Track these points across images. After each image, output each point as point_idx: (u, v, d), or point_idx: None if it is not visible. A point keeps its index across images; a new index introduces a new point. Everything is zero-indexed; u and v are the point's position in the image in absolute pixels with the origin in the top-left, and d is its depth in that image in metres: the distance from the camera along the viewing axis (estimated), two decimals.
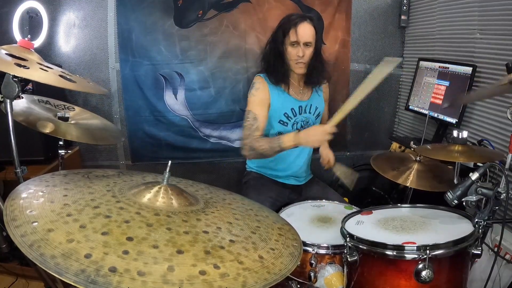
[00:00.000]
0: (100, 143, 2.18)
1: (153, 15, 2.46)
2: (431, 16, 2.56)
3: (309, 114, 1.99)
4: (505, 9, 1.95)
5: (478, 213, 1.16)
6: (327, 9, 2.67)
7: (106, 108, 2.60)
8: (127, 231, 0.76)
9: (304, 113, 1.97)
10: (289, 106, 1.92)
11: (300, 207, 1.76)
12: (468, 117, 2.22)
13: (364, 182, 2.80)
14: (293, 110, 1.93)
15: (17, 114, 1.41)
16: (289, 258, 0.85)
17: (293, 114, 1.94)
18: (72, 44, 2.46)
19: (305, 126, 1.97)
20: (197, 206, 0.98)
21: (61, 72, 1.30)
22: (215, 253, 0.76)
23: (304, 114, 1.97)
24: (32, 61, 1.26)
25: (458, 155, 1.31)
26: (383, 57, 2.90)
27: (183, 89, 2.59)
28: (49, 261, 0.63)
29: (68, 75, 1.31)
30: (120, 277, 0.63)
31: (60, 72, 1.27)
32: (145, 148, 2.67)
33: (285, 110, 1.92)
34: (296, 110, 1.94)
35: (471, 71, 2.11)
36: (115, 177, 1.07)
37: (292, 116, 1.94)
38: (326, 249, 1.36)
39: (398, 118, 3.05)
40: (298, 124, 1.97)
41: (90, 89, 1.44)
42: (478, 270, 1.56)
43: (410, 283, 1.07)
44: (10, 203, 0.80)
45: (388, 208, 1.42)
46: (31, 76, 1.19)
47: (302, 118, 1.97)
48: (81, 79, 1.40)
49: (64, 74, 1.29)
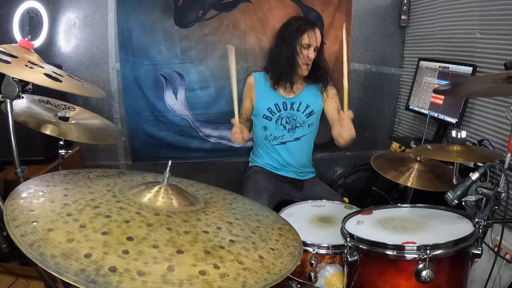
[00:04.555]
0: (100, 143, 2.17)
1: (153, 15, 2.45)
2: (431, 16, 2.56)
3: (296, 112, 2.03)
4: (505, 9, 1.95)
5: (478, 213, 1.16)
6: (327, 9, 2.67)
7: (107, 108, 2.60)
8: (127, 231, 0.76)
9: (291, 110, 2.02)
10: (273, 102, 2.02)
11: (300, 207, 1.76)
12: (468, 117, 2.21)
13: (364, 182, 2.80)
14: (277, 105, 2.02)
15: (18, 114, 1.41)
16: (289, 258, 0.85)
17: (277, 109, 2.02)
18: (72, 44, 2.46)
19: (292, 123, 2.01)
20: (197, 206, 0.98)
21: (47, 71, 1.24)
22: (215, 253, 0.76)
23: (291, 111, 2.02)
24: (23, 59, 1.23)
25: (457, 155, 1.31)
26: (383, 57, 2.94)
27: (183, 89, 2.59)
28: (49, 261, 0.63)
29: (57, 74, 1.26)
30: (120, 277, 0.63)
31: (46, 71, 1.23)
32: (146, 148, 2.67)
33: (269, 105, 2.02)
34: (280, 106, 2.02)
35: (472, 71, 2.10)
36: (115, 177, 1.07)
37: (276, 111, 2.02)
38: (326, 249, 1.36)
39: (399, 118, 3.05)
40: (282, 119, 2.04)
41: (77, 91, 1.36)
42: (478, 270, 1.56)
43: (410, 283, 1.07)
44: (10, 202, 0.80)
45: (388, 208, 1.42)
46: (8, 72, 1.16)
47: (287, 114, 2.03)
48: (70, 79, 1.35)
49: (49, 73, 1.23)
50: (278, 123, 2.04)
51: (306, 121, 2.05)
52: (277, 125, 2.04)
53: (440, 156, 1.39)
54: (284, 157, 2.08)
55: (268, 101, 2.03)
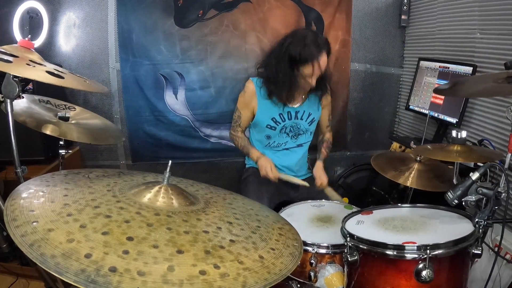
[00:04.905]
0: (100, 143, 2.17)
1: (153, 15, 2.45)
2: (432, 16, 2.55)
3: (300, 121, 2.01)
4: (505, 8, 1.95)
5: (478, 213, 1.16)
6: (327, 8, 2.67)
7: (107, 108, 2.60)
8: (127, 231, 0.76)
9: (295, 119, 1.99)
10: (277, 112, 1.95)
11: (300, 207, 1.76)
12: (468, 117, 2.21)
13: (364, 182, 2.80)
14: (281, 115, 1.96)
15: (18, 114, 1.40)
16: (289, 258, 0.85)
17: (281, 119, 1.97)
18: (72, 44, 2.46)
19: (295, 131, 1.99)
20: (198, 205, 0.98)
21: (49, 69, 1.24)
22: (215, 253, 0.76)
23: (295, 120, 1.99)
24: (24, 58, 1.23)
25: (457, 155, 1.31)
26: (383, 56, 2.94)
27: (183, 89, 2.59)
28: (49, 261, 0.63)
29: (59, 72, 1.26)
30: (120, 277, 0.63)
31: (47, 69, 1.23)
32: (146, 148, 2.67)
33: (272, 115, 1.95)
34: (284, 116, 1.97)
35: (472, 71, 2.10)
36: (115, 177, 1.07)
37: (280, 121, 1.97)
38: (326, 249, 1.37)
39: (399, 118, 3.05)
40: (287, 129, 2.00)
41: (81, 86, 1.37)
42: (478, 270, 1.56)
43: (411, 283, 1.07)
44: (10, 203, 0.80)
45: (388, 208, 1.42)
46: (10, 71, 1.17)
47: (291, 123, 2.00)
48: (72, 76, 1.35)
49: (52, 70, 1.23)
50: (283, 131, 2.01)
51: (309, 129, 2.05)
52: (281, 133, 2.01)
53: (440, 156, 1.39)
54: (283, 160, 2.07)
55: (271, 111, 1.94)
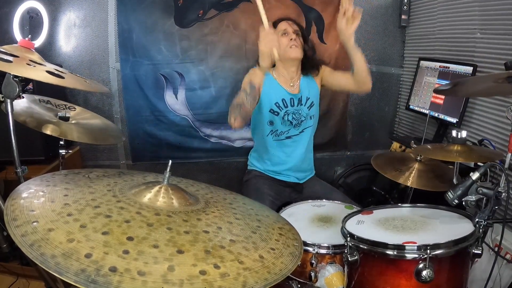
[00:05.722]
0: (100, 143, 2.17)
1: (153, 15, 2.46)
2: (432, 16, 2.55)
3: (302, 106, 2.02)
4: (506, 8, 1.95)
5: (478, 212, 1.16)
6: (327, 8, 2.67)
7: (107, 108, 2.60)
8: (128, 230, 0.76)
9: (298, 105, 2.01)
10: (280, 97, 1.98)
11: (301, 207, 1.76)
12: (468, 116, 2.21)
13: (364, 182, 2.80)
14: (284, 101, 1.98)
15: (18, 114, 1.41)
16: (290, 258, 0.85)
17: (284, 105, 1.99)
18: (73, 44, 2.47)
19: (298, 119, 2.00)
20: (198, 205, 0.98)
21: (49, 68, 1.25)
22: (216, 253, 0.76)
23: (297, 106, 2.01)
24: (24, 58, 1.23)
25: (457, 155, 1.31)
26: (383, 56, 2.94)
27: (183, 88, 2.59)
28: (49, 261, 0.63)
29: (59, 72, 1.26)
30: (121, 277, 0.63)
31: (48, 68, 1.23)
32: (146, 148, 2.67)
33: (276, 100, 1.97)
34: (287, 102, 1.99)
35: (472, 71, 2.10)
36: (115, 177, 1.07)
37: (283, 106, 1.99)
38: (326, 249, 1.36)
39: (399, 118, 3.05)
40: (289, 115, 2.01)
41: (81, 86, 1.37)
42: (479, 270, 1.56)
43: (411, 282, 1.07)
44: (10, 202, 0.80)
45: (388, 207, 1.42)
46: (10, 71, 1.17)
47: (294, 110, 2.01)
48: (72, 76, 1.35)
49: (52, 70, 1.24)
50: (285, 118, 2.00)
51: (309, 113, 2.04)
52: (284, 120, 2.00)
53: (441, 156, 1.39)
54: (286, 152, 2.04)
55: (275, 96, 1.97)
